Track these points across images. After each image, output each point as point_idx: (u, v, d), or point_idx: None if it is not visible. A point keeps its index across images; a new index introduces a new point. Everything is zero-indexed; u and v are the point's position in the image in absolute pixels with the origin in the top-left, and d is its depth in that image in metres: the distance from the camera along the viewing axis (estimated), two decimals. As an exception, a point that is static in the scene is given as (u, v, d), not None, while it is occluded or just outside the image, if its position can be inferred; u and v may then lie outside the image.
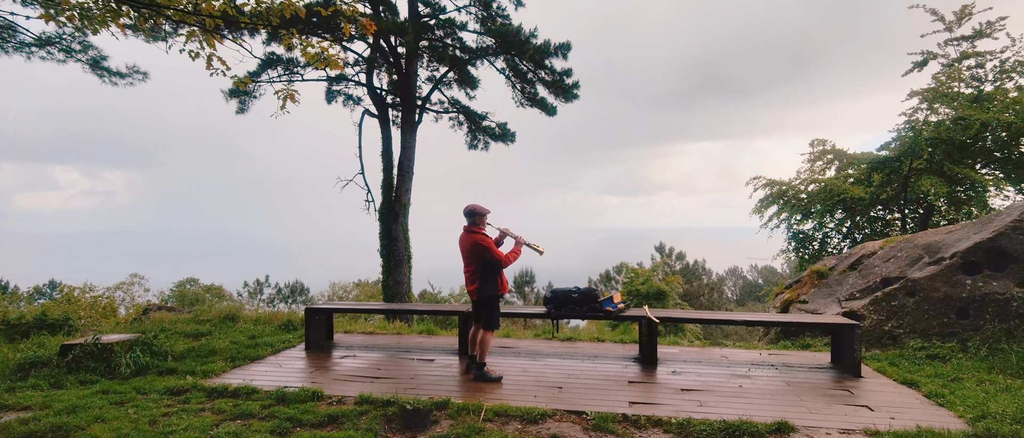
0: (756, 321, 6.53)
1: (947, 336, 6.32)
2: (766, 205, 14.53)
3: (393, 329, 8.28)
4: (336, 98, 15.51)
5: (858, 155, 13.71)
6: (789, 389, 5.17)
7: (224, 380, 5.37)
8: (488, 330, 5.50)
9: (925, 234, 7.74)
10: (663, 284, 19.12)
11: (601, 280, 31.44)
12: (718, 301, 38.12)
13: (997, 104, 11.27)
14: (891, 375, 5.55)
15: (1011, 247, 6.40)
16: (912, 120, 12.37)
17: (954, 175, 11.44)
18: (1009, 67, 11.66)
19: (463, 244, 5.53)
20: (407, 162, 14.43)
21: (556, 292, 6.33)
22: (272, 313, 9.07)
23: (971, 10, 11.85)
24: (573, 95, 14.62)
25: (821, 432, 4.10)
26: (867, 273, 7.71)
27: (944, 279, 6.54)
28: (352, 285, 25.98)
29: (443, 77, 15.28)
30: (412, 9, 13.92)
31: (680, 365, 6.04)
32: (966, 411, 4.39)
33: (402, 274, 14.47)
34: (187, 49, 4.15)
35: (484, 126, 15.66)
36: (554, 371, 5.75)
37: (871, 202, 12.87)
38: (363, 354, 6.56)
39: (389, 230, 14.37)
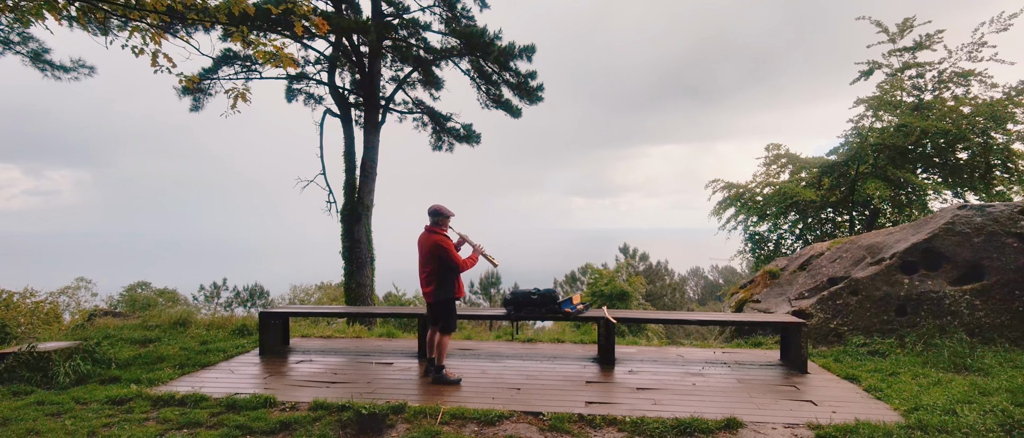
0: (710, 320, 6.72)
1: (887, 333, 6.64)
2: (724, 207, 14.96)
3: (353, 333, 8.15)
4: (297, 97, 15.18)
5: (810, 159, 14.27)
6: (740, 386, 5.33)
7: (171, 388, 5.18)
8: (446, 333, 5.47)
9: (868, 236, 8.12)
10: (626, 285, 19.47)
11: (566, 281, 31.73)
12: (680, 301, 39.00)
13: (935, 112, 11.92)
14: (835, 371, 5.79)
15: (944, 248, 6.78)
16: (859, 126, 12.96)
17: (897, 179, 12.04)
18: (946, 78, 12.35)
19: (423, 244, 5.49)
20: (370, 162, 14.24)
21: (516, 294, 6.36)
22: (226, 318, 8.79)
23: (912, 23, 12.49)
24: (537, 97, 14.72)
25: (767, 427, 4.25)
26: (815, 273, 8.03)
27: (884, 278, 6.87)
28: (314, 288, 25.41)
29: (407, 77, 15.16)
30: (375, 8, 13.75)
31: (637, 364, 6.16)
32: (901, 404, 4.62)
33: (365, 276, 14.27)
34: (130, 45, 3.99)
35: (449, 127, 15.61)
36: (513, 372, 5.78)
37: (822, 204, 13.43)
38: (320, 358, 6.44)
39: (351, 232, 14.14)
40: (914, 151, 12.43)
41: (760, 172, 14.78)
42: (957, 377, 5.35)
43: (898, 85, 12.48)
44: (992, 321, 6.37)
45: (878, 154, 12.13)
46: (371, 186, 14.29)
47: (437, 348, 5.45)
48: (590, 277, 21.06)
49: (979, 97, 11.93)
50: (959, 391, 4.83)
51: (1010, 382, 5.01)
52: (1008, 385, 4.94)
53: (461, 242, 5.72)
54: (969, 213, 6.87)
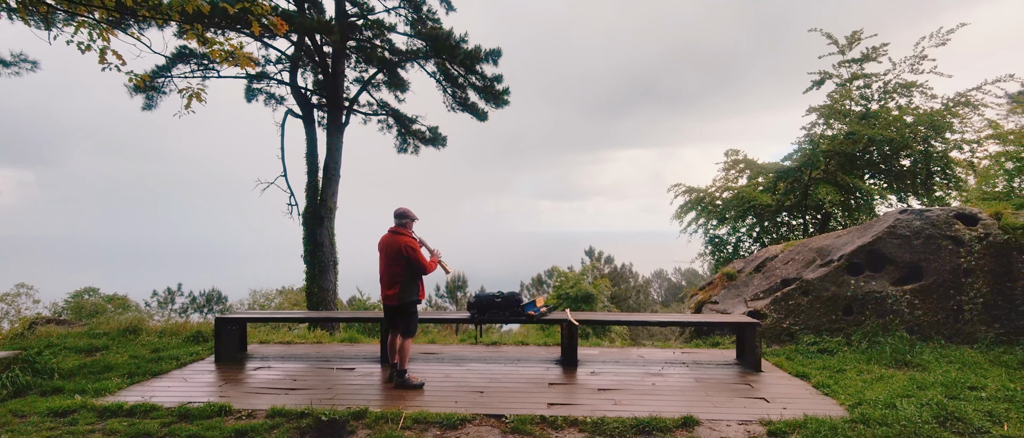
0: (670, 322, 6.89)
1: (835, 331, 6.95)
2: (686, 211, 15.30)
3: (314, 338, 7.99)
4: (257, 97, 14.79)
5: (767, 165, 14.76)
6: (697, 385, 5.49)
7: (120, 398, 4.98)
8: (408, 336, 5.45)
9: (818, 238, 8.48)
10: (592, 287, 19.68)
11: (533, 284, 31.86)
12: (645, 302, 39.67)
13: (881, 121, 12.52)
14: (787, 369, 6.02)
15: (887, 250, 7.14)
16: (811, 134, 13.49)
17: (847, 184, 12.58)
18: (891, 88, 13.00)
19: (388, 245, 5.45)
20: (333, 164, 13.99)
21: (480, 297, 6.37)
22: (180, 324, 8.49)
23: (860, 36, 13.10)
24: (504, 101, 14.76)
25: (722, 424, 4.39)
26: (770, 274, 8.33)
27: (832, 279, 7.19)
28: (275, 292, 24.75)
29: (372, 78, 14.97)
30: (339, 8, 13.55)
31: (599, 366, 6.25)
32: (846, 399, 4.85)
33: (328, 281, 13.99)
34: (76, 41, 3.82)
35: (415, 129, 15.50)
36: (477, 375, 5.78)
37: (777, 208, 13.91)
38: (279, 365, 6.29)
39: (314, 235, 13.85)
40: (862, 158, 13.03)
41: (720, 177, 15.20)
42: (898, 372, 5.65)
43: (847, 95, 13.06)
44: (929, 319, 6.74)
45: (829, 160, 12.67)
46: (334, 188, 14.04)
47: (400, 352, 5.41)
48: (556, 280, 21.20)
49: (920, 107, 12.61)
50: (899, 386, 5.11)
51: (945, 376, 5.32)
52: (943, 379, 5.25)
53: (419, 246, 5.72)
54: (909, 217, 7.26)
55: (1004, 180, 15.29)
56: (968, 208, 7.35)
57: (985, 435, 3.99)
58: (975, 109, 12.35)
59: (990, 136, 14.87)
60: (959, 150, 12.43)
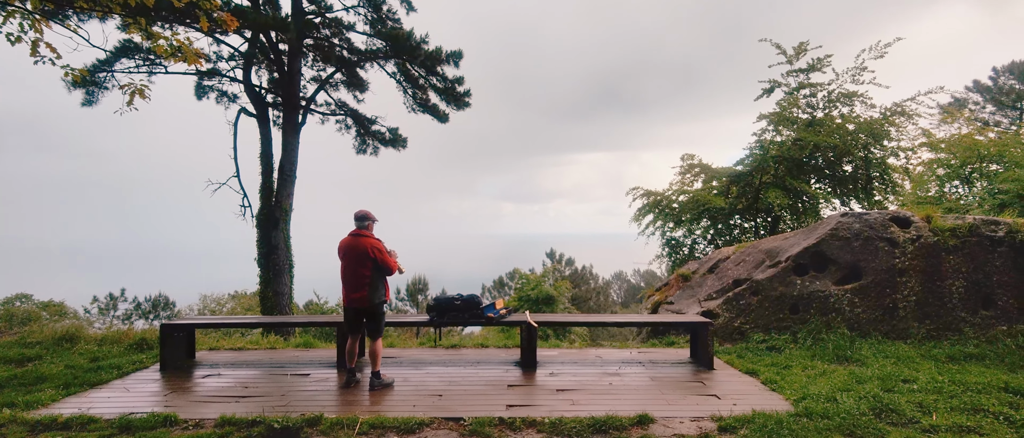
0: (627, 322, 7.04)
1: (782, 329, 7.25)
2: (644, 214, 15.64)
3: (267, 344, 7.75)
4: (208, 94, 14.24)
5: (720, 169, 15.26)
6: (653, 384, 5.62)
7: (53, 410, 4.70)
8: (377, 337, 5.52)
9: (768, 240, 8.83)
10: (553, 289, 19.82)
11: (495, 286, 31.85)
12: (605, 304, 40.27)
13: (825, 129, 13.15)
14: (738, 366, 6.24)
15: (829, 251, 7.51)
16: (761, 140, 14.04)
17: (795, 188, 13.15)
18: (834, 98, 13.67)
19: (352, 248, 5.42)
20: (289, 165, 13.62)
21: (439, 300, 6.34)
22: (122, 332, 8.07)
23: (806, 47, 13.72)
24: (465, 103, 14.73)
25: (676, 421, 4.51)
26: (722, 275, 8.61)
27: (780, 280, 7.50)
28: (227, 297, 23.80)
29: (330, 78, 14.66)
30: (295, 5, 13.22)
31: (558, 367, 6.32)
32: (792, 394, 5.07)
33: (283, 284, 13.60)
34: (4, 32, 3.59)
35: (374, 130, 15.26)
36: (435, 379, 5.74)
37: (730, 211, 14.39)
38: (229, 372, 6.08)
39: (268, 237, 13.44)
40: (808, 163, 13.65)
41: (676, 181, 15.62)
42: (839, 368, 5.94)
43: (794, 103, 13.66)
44: (868, 316, 7.13)
45: (778, 165, 13.21)
46: (290, 190, 13.66)
47: (373, 355, 5.45)
48: (518, 282, 21.26)
49: (861, 116, 13.32)
50: (840, 380, 5.37)
51: (881, 371, 5.64)
52: (879, 373, 5.56)
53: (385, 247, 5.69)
54: (850, 220, 7.66)
55: (936, 185, 16.33)
56: (902, 211, 7.81)
57: (916, 425, 4.25)
58: (910, 118, 13.14)
59: (923, 144, 15.85)
60: (896, 157, 13.21)
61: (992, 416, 4.38)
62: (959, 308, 7.03)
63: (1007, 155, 14.44)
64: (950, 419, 4.31)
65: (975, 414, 4.43)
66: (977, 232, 7.23)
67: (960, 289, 7.08)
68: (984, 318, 6.96)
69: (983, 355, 6.26)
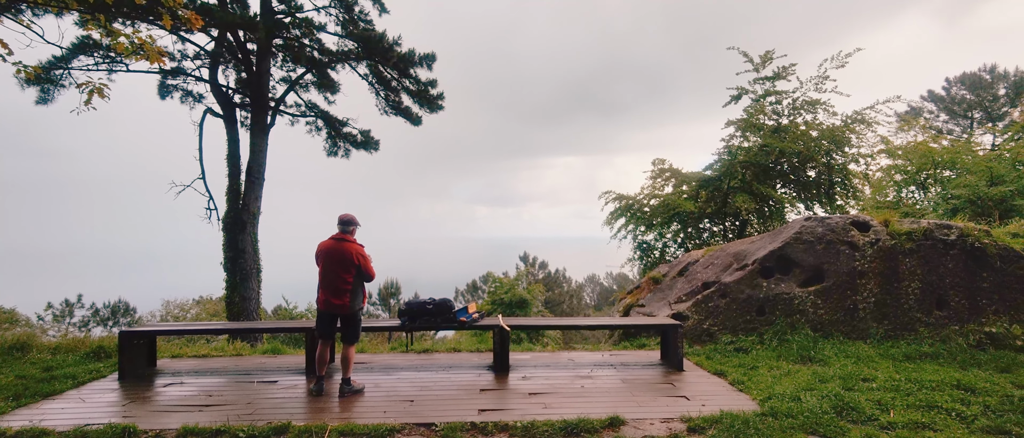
0: (599, 325, 7.10)
1: (749, 330, 7.42)
2: (616, 217, 15.81)
3: (233, 351, 7.55)
4: (172, 93, 13.84)
5: (690, 174, 15.55)
6: (624, 386, 5.68)
7: (3, 423, 4.48)
8: (353, 343, 5.47)
9: (735, 244, 9.03)
10: (526, 292, 19.84)
11: (468, 289, 31.75)
12: (578, 307, 40.55)
13: (790, 135, 13.55)
14: (706, 367, 6.36)
15: (794, 255, 7.72)
16: (729, 145, 14.37)
17: (761, 193, 13.50)
18: (798, 105, 14.10)
19: (336, 253, 5.35)
20: (257, 167, 13.32)
21: (411, 304, 6.28)
22: (78, 339, 7.75)
23: (772, 55, 14.12)
24: (438, 106, 14.68)
25: (646, 423, 4.56)
26: (692, 278, 8.77)
27: (747, 282, 7.68)
28: (191, 303, 23.08)
29: (300, 78, 14.42)
30: (264, 5, 12.97)
31: (531, 370, 6.32)
32: (758, 394, 5.19)
33: (250, 289, 13.27)
34: (-50, 25, 3.41)
35: (345, 132, 15.06)
36: (407, 384, 5.69)
37: (700, 215, 14.67)
38: (193, 380, 5.89)
39: (235, 241, 13.11)
40: (774, 169, 14.03)
41: (647, 185, 15.85)
42: (803, 367, 6.11)
43: (761, 110, 14.03)
44: (830, 317, 7.35)
45: (745, 171, 13.54)
46: (258, 192, 13.36)
47: (345, 361, 5.38)
48: (491, 285, 21.22)
49: (824, 123, 13.77)
50: (804, 380, 5.52)
51: (842, 370, 5.82)
52: (841, 372, 5.74)
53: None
54: (813, 224, 7.90)
55: (894, 190, 17.01)
56: (862, 216, 8.09)
57: (875, 422, 4.40)
58: (869, 126, 13.63)
59: (882, 151, 16.48)
60: (856, 163, 13.68)
61: (945, 412, 4.57)
62: (915, 309, 7.32)
63: (959, 162, 15.15)
64: (907, 416, 4.48)
65: (930, 411, 4.61)
66: (931, 236, 7.54)
67: (916, 290, 7.37)
68: (938, 318, 7.26)
69: (937, 354, 6.53)
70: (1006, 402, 4.74)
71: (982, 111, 31.61)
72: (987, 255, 7.34)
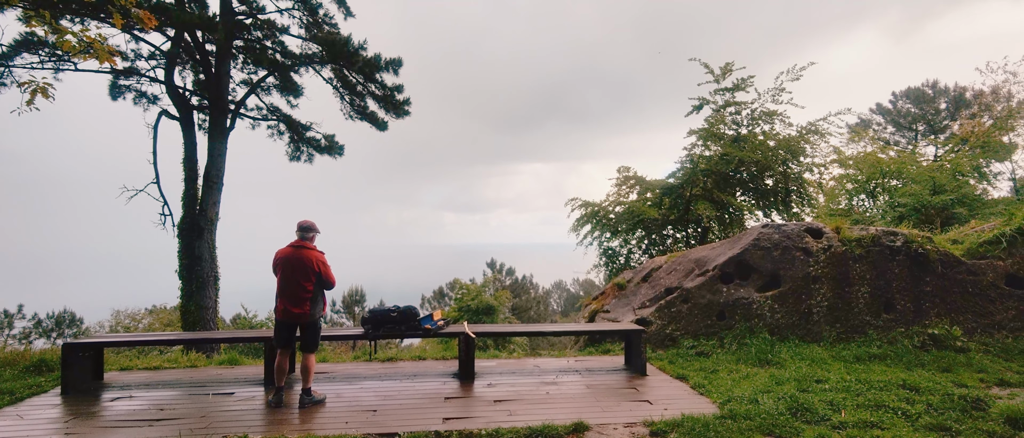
0: (565, 331, 7.14)
1: (710, 335, 7.60)
2: (582, 224, 15.97)
3: (187, 362, 7.26)
4: (124, 94, 13.29)
5: (654, 181, 15.86)
6: (589, 391, 5.72)
7: (-71, 444, 4.18)
8: (313, 352, 5.37)
9: (697, 250, 9.25)
10: (493, 299, 19.84)
11: (434, 297, 31.46)
12: (545, 313, 40.70)
13: (749, 145, 14.00)
14: (669, 371, 6.47)
15: (752, 260, 7.96)
16: (691, 154, 14.74)
17: (722, 201, 13.88)
18: (757, 116, 14.59)
19: (295, 260, 5.24)
20: (215, 171, 12.90)
21: (375, 312, 6.18)
22: (17, 352, 7.32)
23: (731, 67, 14.58)
24: (404, 111, 14.55)
25: (610, 428, 4.61)
26: (655, 284, 8.93)
27: (708, 288, 7.87)
28: (144, 312, 22.09)
29: (261, 81, 14.07)
30: (224, 5, 12.63)
31: (497, 377, 6.31)
32: (718, 397, 5.31)
33: (207, 297, 12.81)
34: None
35: (309, 137, 14.75)
36: (370, 394, 5.58)
37: (663, 222, 14.97)
38: (143, 394, 5.64)
39: (191, 248, 12.64)
40: (734, 177, 14.45)
41: (613, 192, 16.08)
42: (761, 370, 6.29)
43: (721, 120, 14.46)
44: (786, 321, 7.60)
45: (707, 179, 13.90)
46: (216, 197, 12.94)
47: (305, 370, 5.25)
48: (458, 292, 21.11)
49: (780, 134, 14.29)
50: (761, 382, 5.68)
51: (797, 372, 6.02)
52: (796, 374, 5.93)
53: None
54: (769, 231, 8.16)
55: (846, 198, 17.76)
56: (816, 223, 8.42)
57: (827, 422, 4.56)
58: (822, 137, 14.21)
59: (834, 161, 17.20)
60: (811, 172, 14.23)
61: (892, 411, 4.77)
62: (865, 312, 7.64)
63: (905, 172, 15.95)
64: (856, 415, 4.66)
65: (878, 410, 4.81)
66: (879, 242, 7.90)
67: (865, 294, 7.70)
68: (886, 321, 7.59)
69: (885, 355, 6.83)
70: (947, 400, 4.98)
71: (925, 124, 33.41)
72: (930, 260, 7.74)
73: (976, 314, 7.55)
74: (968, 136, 21.08)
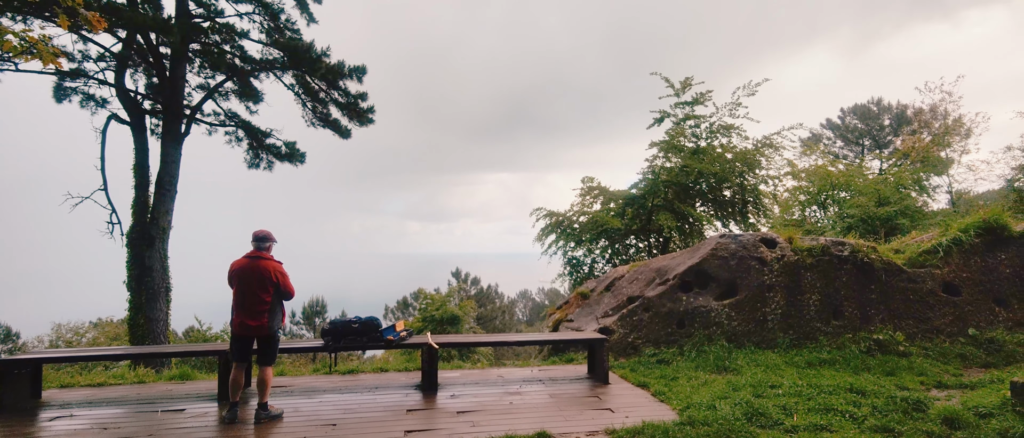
0: (528, 341, 7.17)
1: (671, 343, 7.76)
2: (546, 233, 16.09)
3: (134, 377, 6.93)
4: (70, 97, 12.69)
5: (617, 192, 16.14)
6: (552, 401, 5.74)
7: None
8: (271, 365, 5.20)
9: (658, 260, 9.45)
10: (457, 309, 19.67)
11: (398, 307, 31.02)
12: (510, 323, 40.65)
13: (708, 157, 14.45)
14: (631, 379, 6.56)
15: (711, 269, 8.19)
16: (653, 166, 15.10)
17: (682, 211, 14.24)
18: (715, 129, 15.08)
19: (252, 271, 5.09)
20: (169, 178, 12.43)
21: (335, 323, 6.05)
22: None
23: (691, 82, 15.04)
24: (368, 119, 14.40)
25: (572, 436, 4.64)
26: (618, 293, 9.06)
27: (669, 296, 8.05)
28: (88, 325, 20.95)
29: (219, 86, 13.68)
30: (180, 7, 12.25)
31: (460, 388, 6.26)
32: (678, 404, 5.42)
33: (158, 310, 12.27)
34: None
35: (268, 143, 14.39)
36: (330, 407, 5.45)
37: (626, 232, 15.24)
38: (85, 412, 5.34)
39: (141, 258, 12.11)
40: (694, 188, 14.87)
41: (577, 202, 16.27)
42: (719, 377, 6.45)
43: (681, 133, 14.88)
44: (743, 328, 7.84)
45: (668, 190, 14.26)
46: (169, 205, 12.45)
47: (262, 384, 5.09)
48: (422, 302, 20.85)
49: (737, 147, 14.80)
50: (719, 389, 5.83)
51: (753, 378, 6.20)
52: (752, 380, 6.11)
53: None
54: (727, 241, 8.42)
55: (799, 209, 18.49)
56: (770, 233, 8.74)
57: (780, 426, 4.71)
58: (776, 150, 14.79)
59: (788, 173, 17.89)
60: (765, 184, 14.78)
61: (840, 414, 4.98)
62: (816, 319, 7.96)
63: (853, 185, 16.73)
64: (808, 419, 4.83)
65: (827, 413, 5.01)
66: (828, 252, 8.26)
67: (816, 302, 8.02)
68: (835, 327, 7.92)
69: (834, 360, 7.11)
70: (890, 403, 5.23)
71: (871, 139, 35.21)
72: (874, 269, 8.13)
73: (916, 319, 7.97)
74: (909, 151, 22.36)
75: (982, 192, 20.56)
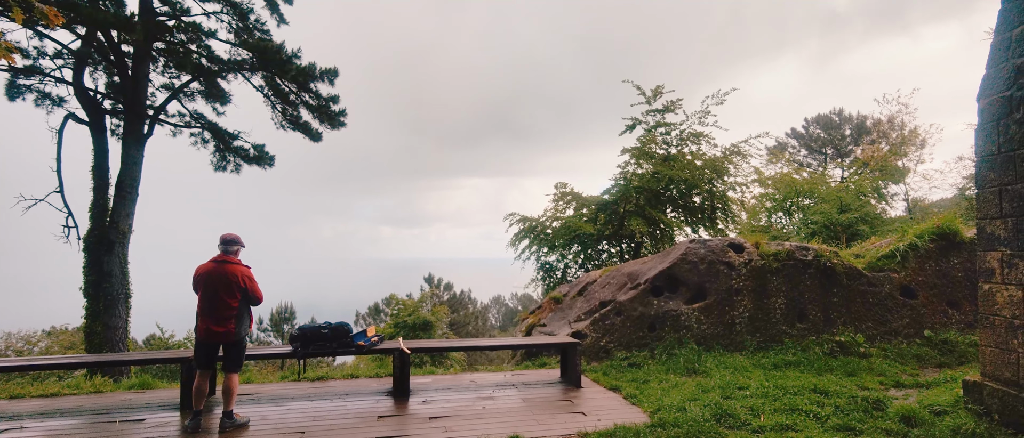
0: (501, 345, 7.16)
1: (642, 346, 7.85)
2: (520, 239, 16.12)
3: (91, 387, 6.64)
4: (24, 95, 12.15)
5: (590, 198, 16.29)
6: (525, 405, 5.74)
7: None
8: (237, 371, 5.08)
9: (630, 264, 9.56)
10: (430, 315, 19.51)
11: (370, 312, 30.58)
12: (483, 328, 40.50)
13: (678, 164, 14.72)
14: (603, 383, 6.61)
15: (681, 274, 8.33)
16: (625, 172, 15.30)
17: (653, 217, 14.46)
18: (685, 137, 15.38)
19: (219, 277, 4.94)
20: (130, 180, 12.01)
21: (304, 329, 5.93)
22: None
23: (662, 90, 15.33)
24: (340, 122, 14.20)
25: (545, 441, 4.64)
26: (590, 298, 9.13)
27: (640, 300, 8.15)
28: (40, 334, 20.00)
29: (184, 87, 13.31)
30: (144, 4, 11.89)
31: (432, 394, 6.20)
32: (649, 406, 5.48)
33: (117, 317, 11.82)
34: None
35: (236, 146, 14.05)
36: (298, 415, 5.33)
37: (598, 237, 15.38)
38: (36, 424, 5.10)
39: (99, 263, 11.65)
40: (665, 194, 15.12)
41: (550, 208, 16.37)
42: (689, 379, 6.55)
43: (652, 139, 15.12)
44: (712, 332, 7.99)
45: (639, 196, 14.46)
46: (129, 209, 12.03)
47: (228, 392, 4.94)
48: (394, 308, 20.62)
49: (707, 154, 15.12)
50: (689, 391, 5.93)
51: (722, 380, 6.33)
52: (720, 382, 6.23)
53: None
54: (696, 246, 8.58)
55: (765, 216, 19.00)
56: (738, 239, 8.94)
57: (748, 427, 4.82)
58: (744, 158, 15.17)
59: (755, 180, 18.37)
60: (734, 190, 15.13)
61: (805, 414, 5.11)
62: (781, 322, 8.17)
63: (816, 192, 17.29)
64: (774, 419, 4.95)
65: (792, 413, 5.14)
66: (793, 257, 8.50)
67: (782, 305, 8.23)
68: (800, 330, 8.15)
69: (799, 362, 7.31)
70: (852, 403, 5.40)
71: (833, 148, 36.45)
72: (836, 273, 8.40)
73: (876, 322, 8.26)
74: (869, 160, 23.23)
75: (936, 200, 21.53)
